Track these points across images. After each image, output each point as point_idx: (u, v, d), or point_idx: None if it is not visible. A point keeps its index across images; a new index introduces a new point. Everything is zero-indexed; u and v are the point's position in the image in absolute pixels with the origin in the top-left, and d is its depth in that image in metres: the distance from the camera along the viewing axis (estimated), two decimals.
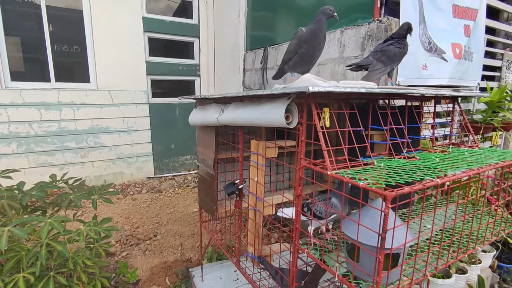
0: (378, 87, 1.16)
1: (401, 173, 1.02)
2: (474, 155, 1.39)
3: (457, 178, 1.00)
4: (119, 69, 4.05)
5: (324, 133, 1.07)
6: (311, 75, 1.04)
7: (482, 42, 3.01)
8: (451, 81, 2.69)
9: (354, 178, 0.94)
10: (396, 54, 1.39)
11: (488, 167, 1.16)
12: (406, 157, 1.26)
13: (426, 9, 2.43)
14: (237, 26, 3.98)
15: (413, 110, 1.44)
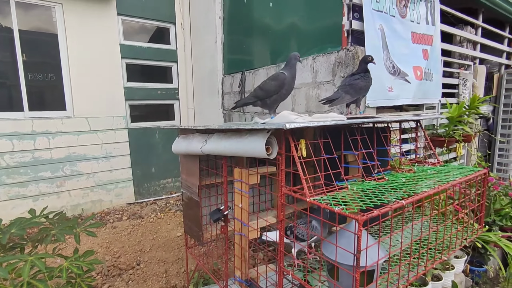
0: (348, 116, 1.29)
1: (371, 196, 1.14)
2: (436, 172, 1.54)
3: (420, 198, 1.12)
4: (97, 96, 4.03)
5: (302, 163, 1.17)
6: (288, 112, 1.15)
7: (439, 63, 3.31)
8: (415, 100, 2.93)
9: (330, 204, 1.04)
10: (362, 87, 1.54)
11: (447, 185, 1.30)
12: (376, 178, 1.39)
13: (388, 37, 2.67)
14: (214, 51, 4.12)
15: (380, 134, 1.59)
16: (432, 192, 1.22)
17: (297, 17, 2.94)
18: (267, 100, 1.88)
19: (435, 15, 3.21)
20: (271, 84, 1.79)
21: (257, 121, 1.25)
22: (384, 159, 1.62)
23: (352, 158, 1.84)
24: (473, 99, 3.55)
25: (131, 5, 4.26)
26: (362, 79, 1.56)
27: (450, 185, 1.32)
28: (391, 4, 2.70)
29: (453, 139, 3.18)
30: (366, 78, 1.57)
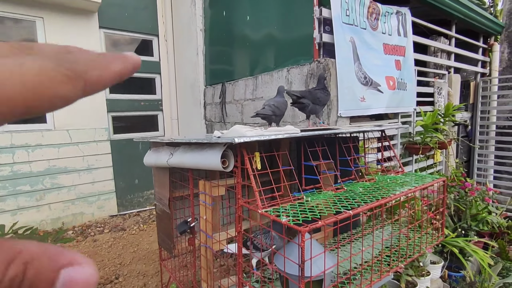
0: (302, 129, 1.33)
1: (322, 206, 1.17)
2: (395, 181, 1.59)
3: (370, 207, 1.16)
4: (78, 108, 4.03)
5: (255, 175, 1.20)
6: (240, 126, 1.19)
7: (413, 73, 3.41)
8: (388, 109, 3.01)
9: (278, 215, 1.07)
10: (321, 98, 1.59)
11: (400, 194, 1.34)
12: (334, 189, 1.42)
13: (360, 49, 2.76)
14: (195, 63, 4.17)
15: (341, 144, 1.63)
16: (384, 201, 1.27)
17: (272, 31, 3.02)
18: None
19: (407, 27, 3.33)
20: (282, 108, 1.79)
21: (215, 135, 1.28)
22: (346, 169, 1.66)
23: (323, 168, 1.88)
24: (447, 107, 3.66)
25: (114, 18, 4.30)
26: (322, 92, 1.61)
27: (404, 194, 1.37)
28: (361, 17, 2.79)
29: (428, 146, 3.25)
30: (325, 92, 1.62)
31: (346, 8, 2.63)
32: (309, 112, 1.66)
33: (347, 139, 1.69)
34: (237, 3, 3.47)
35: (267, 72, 3.04)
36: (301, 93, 1.62)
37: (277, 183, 1.28)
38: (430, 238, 1.67)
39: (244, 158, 1.20)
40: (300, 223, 0.99)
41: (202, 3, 4.08)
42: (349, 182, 1.59)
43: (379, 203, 1.22)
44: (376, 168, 2.06)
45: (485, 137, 5.10)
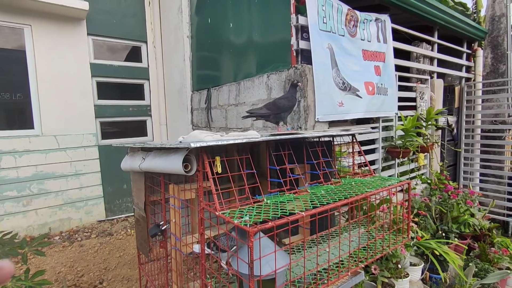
0: (264, 134, 1.38)
1: (278, 208, 1.21)
2: (360, 184, 1.64)
3: (322, 210, 1.20)
4: (66, 114, 4.07)
5: (215, 179, 1.25)
6: (199, 131, 1.24)
7: (393, 78, 3.48)
8: (367, 114, 3.07)
9: (232, 217, 1.12)
10: (284, 106, 1.65)
11: (354, 198, 1.39)
12: (297, 191, 1.47)
13: (338, 55, 2.82)
14: (183, 69, 4.23)
15: (308, 148, 1.68)
16: (341, 203, 1.31)
17: (253, 38, 3.08)
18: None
19: (386, 34, 3.41)
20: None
21: (178, 140, 1.33)
22: (313, 172, 1.71)
23: (298, 171, 1.93)
24: (428, 112, 3.73)
25: (102, 25, 4.37)
26: (287, 100, 1.67)
27: (363, 196, 1.41)
28: (339, 25, 2.86)
29: (408, 150, 3.31)
30: (291, 99, 1.68)
31: (323, 15, 2.70)
32: (274, 120, 1.71)
33: (316, 143, 1.75)
34: (220, 11, 3.55)
35: (249, 78, 3.10)
36: (265, 106, 1.68)
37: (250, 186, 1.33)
38: (394, 240, 1.72)
39: (205, 162, 1.25)
40: (250, 224, 1.04)
41: (189, 10, 4.16)
42: (315, 185, 1.64)
43: (335, 205, 1.27)
44: (348, 171, 2.11)
45: (471, 140, 5.18)
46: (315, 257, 1.53)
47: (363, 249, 1.59)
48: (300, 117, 2.56)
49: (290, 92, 1.72)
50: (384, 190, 1.52)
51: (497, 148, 5.03)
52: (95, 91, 4.38)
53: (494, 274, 2.64)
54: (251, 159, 1.36)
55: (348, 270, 1.39)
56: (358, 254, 1.48)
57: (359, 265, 1.44)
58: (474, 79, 5.28)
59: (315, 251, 1.63)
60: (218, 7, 3.59)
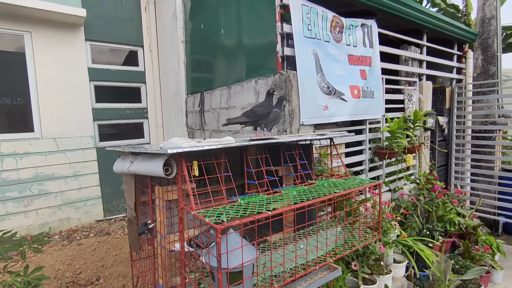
0: (238, 140, 1.51)
1: (249, 208, 1.34)
2: (332, 185, 1.76)
3: (287, 210, 1.32)
4: (64, 117, 4.21)
5: (192, 181, 1.37)
6: (177, 138, 1.36)
7: (380, 81, 3.59)
8: (353, 116, 3.19)
9: (205, 216, 1.24)
10: (261, 113, 1.77)
11: (325, 198, 1.51)
12: (271, 192, 1.59)
13: (323, 60, 2.94)
14: (178, 73, 4.36)
15: (284, 151, 1.80)
16: (308, 203, 1.43)
17: (243, 43, 3.20)
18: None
19: (373, 38, 3.52)
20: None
21: (159, 146, 1.45)
22: (289, 174, 1.83)
23: (281, 172, 2.05)
24: (415, 114, 3.83)
25: (100, 30, 4.50)
26: (263, 107, 1.79)
27: (331, 196, 1.53)
28: (324, 31, 2.98)
29: (393, 151, 3.42)
30: (267, 106, 1.80)
31: (308, 23, 2.82)
32: (252, 125, 1.83)
33: (293, 147, 1.86)
34: (213, 17, 3.67)
35: (239, 82, 3.23)
36: (244, 114, 1.81)
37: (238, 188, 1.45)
38: (364, 237, 1.83)
39: (182, 166, 1.38)
40: (218, 222, 1.16)
41: (183, 16, 4.28)
42: (290, 187, 1.76)
43: (302, 205, 1.39)
44: (327, 172, 2.23)
45: (462, 141, 5.27)
46: (289, 253, 1.65)
47: (338, 245, 1.71)
48: (285, 121, 2.68)
49: (266, 100, 1.84)
50: (352, 191, 1.64)
51: (488, 148, 5.12)
52: (93, 94, 4.52)
53: (472, 270, 2.74)
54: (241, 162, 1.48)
55: (316, 265, 1.50)
56: (327, 250, 1.60)
57: (327, 260, 1.56)
58: (465, 81, 5.37)
59: (292, 247, 1.75)
60: (211, 13, 3.72)
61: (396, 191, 3.84)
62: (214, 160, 1.48)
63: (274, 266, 1.34)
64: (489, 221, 5.04)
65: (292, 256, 1.57)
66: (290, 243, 1.82)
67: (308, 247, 1.63)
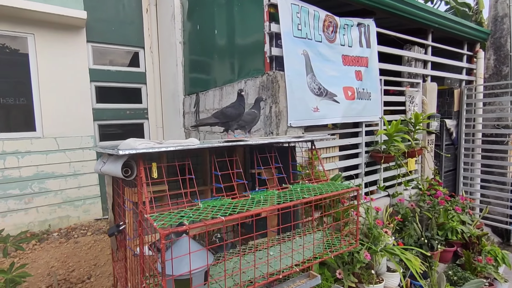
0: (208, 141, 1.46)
1: (207, 212, 1.29)
2: (305, 190, 1.68)
3: (241, 216, 1.26)
4: (65, 117, 4.29)
5: (148, 183, 1.34)
6: (133, 139, 1.33)
7: (377, 82, 3.47)
8: (345, 119, 3.09)
9: (155, 220, 1.20)
10: (231, 114, 1.72)
11: (289, 203, 1.44)
12: (237, 196, 1.54)
13: (314, 61, 2.86)
14: (175, 74, 4.37)
15: (257, 154, 1.75)
16: (269, 209, 1.37)
17: (233, 44, 3.17)
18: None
19: (370, 38, 3.40)
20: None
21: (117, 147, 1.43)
22: (261, 178, 1.77)
23: (266, 175, 2.00)
24: (416, 116, 3.68)
25: (101, 32, 4.58)
26: (233, 108, 1.74)
27: (298, 202, 1.46)
28: (316, 31, 2.90)
29: (390, 155, 3.29)
30: (237, 107, 1.75)
31: (298, 22, 2.75)
32: (222, 127, 1.79)
33: (267, 149, 1.81)
34: (207, 17, 3.66)
35: (230, 83, 3.19)
36: (213, 115, 1.77)
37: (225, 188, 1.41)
38: (337, 245, 1.75)
39: (139, 168, 1.35)
40: (165, 226, 1.12)
41: (181, 17, 4.29)
42: (261, 190, 1.70)
43: (270, 208, 1.33)
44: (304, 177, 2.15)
45: (471, 145, 5.04)
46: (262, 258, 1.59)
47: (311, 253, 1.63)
48: (271, 122, 2.62)
49: (237, 101, 1.79)
50: (324, 197, 1.57)
51: (500, 153, 4.86)
52: (94, 95, 4.59)
53: (470, 283, 2.59)
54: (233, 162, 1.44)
55: (278, 273, 1.44)
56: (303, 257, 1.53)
57: (295, 268, 1.49)
58: (475, 82, 5.13)
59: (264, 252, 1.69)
60: (205, 14, 3.70)
61: (395, 196, 3.70)
62: (176, 162, 1.44)
63: (243, 270, 1.29)
64: (500, 230, 4.79)
65: (265, 262, 1.51)
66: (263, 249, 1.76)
67: (282, 253, 1.57)
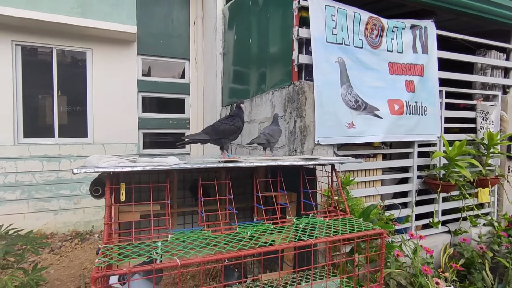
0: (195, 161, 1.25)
1: (169, 249, 1.07)
2: (309, 228, 1.35)
3: (196, 262, 0.99)
4: (113, 125, 4.57)
5: (115, 207, 1.17)
6: (96, 156, 1.18)
7: (435, 95, 2.89)
8: (389, 137, 2.60)
9: (103, 253, 1.02)
10: (223, 130, 1.48)
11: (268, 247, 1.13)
12: (217, 229, 1.28)
13: (351, 70, 2.48)
14: (215, 85, 4.32)
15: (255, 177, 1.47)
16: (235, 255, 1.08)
17: (264, 52, 2.95)
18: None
19: (428, 42, 2.87)
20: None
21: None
22: (258, 206, 1.48)
23: (283, 199, 1.74)
24: (489, 136, 2.97)
25: (150, 45, 4.81)
26: (224, 123, 1.50)
27: (274, 248, 1.15)
28: (356, 35, 2.52)
29: (450, 183, 2.67)
30: (229, 122, 1.50)
31: (333, 26, 2.41)
32: (215, 144, 1.56)
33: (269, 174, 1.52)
34: (243, 26, 3.52)
35: (259, 94, 2.97)
36: (204, 131, 1.55)
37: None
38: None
39: (105, 189, 1.19)
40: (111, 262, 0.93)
41: (223, 28, 4.26)
42: (257, 222, 1.42)
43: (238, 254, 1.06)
44: (328, 206, 1.78)
45: None
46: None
47: None
48: (295, 138, 2.31)
49: (235, 113, 1.55)
50: (319, 242, 1.22)
51: None
52: (140, 105, 4.82)
53: None
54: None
55: None
56: None
57: None
58: None
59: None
60: (242, 23, 3.58)
61: (457, 234, 3.00)
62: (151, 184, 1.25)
63: None
64: None
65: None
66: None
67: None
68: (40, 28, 4.11)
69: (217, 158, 1.71)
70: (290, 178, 1.63)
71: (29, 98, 4.29)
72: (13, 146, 4.14)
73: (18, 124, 4.21)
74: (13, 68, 4.10)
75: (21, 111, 4.21)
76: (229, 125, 1.50)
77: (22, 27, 4.06)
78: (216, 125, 1.53)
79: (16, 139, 4.19)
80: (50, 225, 4.34)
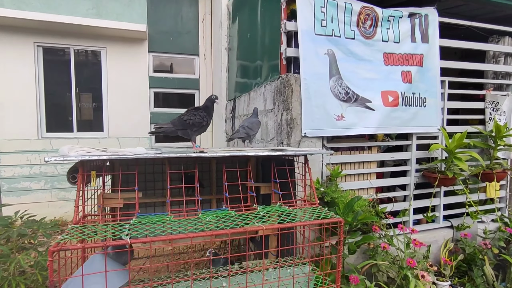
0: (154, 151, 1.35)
1: (127, 230, 1.18)
2: (270, 215, 1.40)
3: (149, 241, 1.09)
4: (127, 120, 4.81)
5: (83, 192, 1.30)
6: (68, 146, 1.30)
7: (437, 85, 2.79)
8: (381, 129, 2.55)
9: (68, 232, 1.15)
10: (188, 120, 1.55)
11: (225, 231, 1.20)
12: (184, 215, 1.37)
13: (341, 61, 2.46)
14: (221, 79, 4.42)
15: (223, 167, 1.54)
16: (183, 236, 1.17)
17: (259, 47, 2.99)
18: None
19: (429, 31, 2.76)
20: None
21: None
22: (230, 196, 1.56)
23: (265, 190, 1.82)
24: (497, 128, 2.82)
25: (161, 43, 4.99)
26: (189, 114, 1.56)
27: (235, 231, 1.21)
28: (347, 26, 2.49)
29: (447, 176, 2.58)
30: (193, 112, 1.57)
31: (321, 18, 2.40)
32: (184, 136, 1.63)
33: (232, 164, 1.59)
34: (243, 21, 3.57)
35: (255, 88, 3.02)
36: (171, 122, 1.63)
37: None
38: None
39: (78, 175, 1.32)
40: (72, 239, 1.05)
41: (228, 23, 4.32)
42: (222, 210, 1.49)
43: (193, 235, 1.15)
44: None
45: None
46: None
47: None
48: (282, 131, 2.35)
49: (203, 106, 1.61)
50: (274, 227, 1.27)
51: None
52: (152, 100, 5.03)
53: None
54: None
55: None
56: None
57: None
58: None
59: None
60: (243, 18, 3.63)
61: (460, 229, 2.90)
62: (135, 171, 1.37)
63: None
64: None
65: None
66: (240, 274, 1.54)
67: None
68: (59, 30, 4.40)
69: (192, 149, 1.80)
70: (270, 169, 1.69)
71: (50, 95, 4.62)
72: (37, 140, 4.50)
73: (41, 119, 4.56)
74: (35, 68, 4.44)
75: (43, 108, 4.56)
76: (193, 116, 1.57)
77: (43, 29, 4.37)
78: (181, 116, 1.61)
79: (40, 134, 4.55)
80: (71, 213, 4.69)
